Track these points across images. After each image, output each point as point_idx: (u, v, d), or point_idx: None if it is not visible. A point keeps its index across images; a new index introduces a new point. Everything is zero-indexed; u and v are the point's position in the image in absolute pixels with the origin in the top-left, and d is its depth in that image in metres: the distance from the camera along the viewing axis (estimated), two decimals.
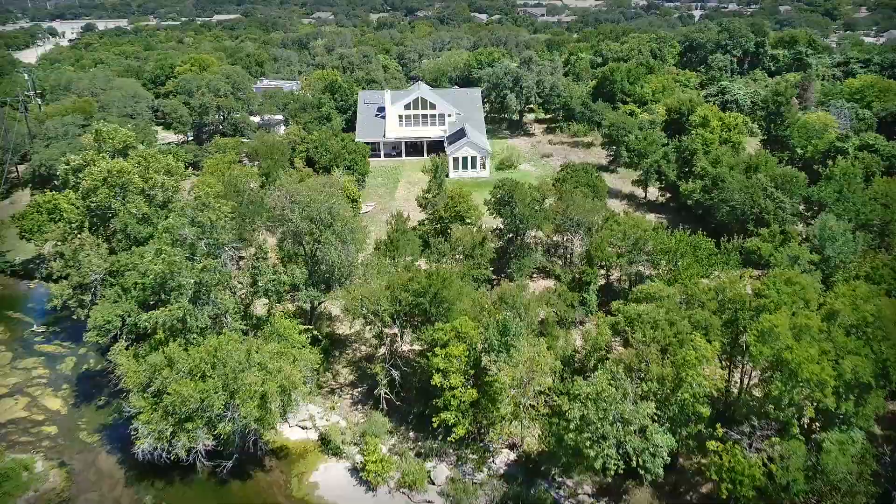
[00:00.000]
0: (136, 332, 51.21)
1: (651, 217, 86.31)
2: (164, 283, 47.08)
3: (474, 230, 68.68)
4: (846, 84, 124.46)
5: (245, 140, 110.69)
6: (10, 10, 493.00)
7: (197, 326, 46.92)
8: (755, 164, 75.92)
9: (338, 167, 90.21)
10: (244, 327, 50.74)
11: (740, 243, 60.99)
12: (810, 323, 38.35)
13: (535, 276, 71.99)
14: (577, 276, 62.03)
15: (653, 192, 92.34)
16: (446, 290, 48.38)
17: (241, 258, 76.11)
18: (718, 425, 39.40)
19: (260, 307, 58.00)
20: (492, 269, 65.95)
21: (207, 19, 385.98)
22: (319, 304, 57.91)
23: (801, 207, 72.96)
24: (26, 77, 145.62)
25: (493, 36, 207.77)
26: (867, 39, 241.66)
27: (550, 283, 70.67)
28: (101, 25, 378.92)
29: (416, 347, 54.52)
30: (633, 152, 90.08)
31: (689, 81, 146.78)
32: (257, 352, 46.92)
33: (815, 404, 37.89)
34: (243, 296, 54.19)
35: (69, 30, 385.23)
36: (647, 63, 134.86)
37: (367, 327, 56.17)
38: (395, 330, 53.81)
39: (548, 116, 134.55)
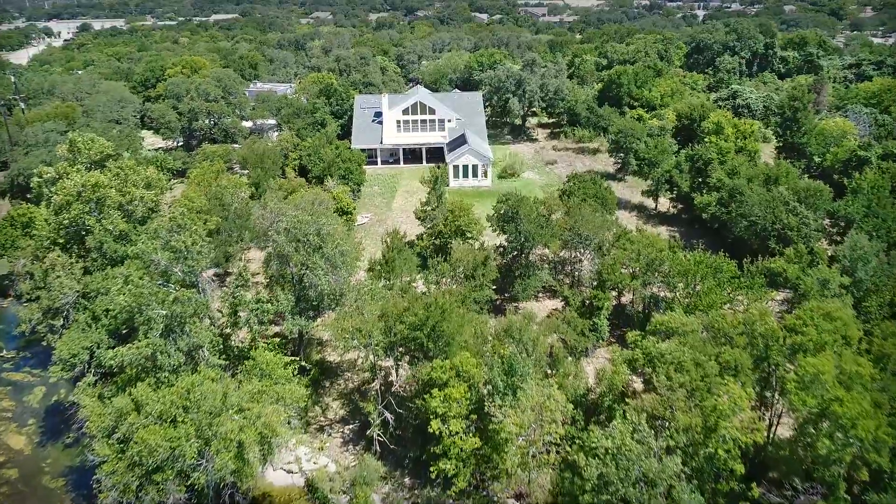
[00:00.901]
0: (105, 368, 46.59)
1: (662, 230, 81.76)
2: (132, 317, 42.38)
3: (476, 247, 64.15)
4: (862, 87, 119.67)
5: (236, 146, 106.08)
6: (7, 10, 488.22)
7: (169, 364, 42.19)
8: (775, 176, 71.21)
9: (331, 177, 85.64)
10: (223, 362, 45.99)
11: (765, 265, 56.25)
12: (862, 371, 33.66)
13: (540, 295, 67.45)
14: (586, 299, 57.33)
15: (663, 203, 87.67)
16: (446, 323, 43.70)
17: (227, 273, 71.51)
18: (754, 485, 34.75)
19: (243, 333, 53.30)
20: (494, 287, 61.36)
21: (205, 19, 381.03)
22: (308, 331, 53.13)
23: (826, 223, 68.23)
24: (12, 79, 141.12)
25: (494, 37, 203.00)
26: (875, 40, 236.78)
27: (557, 302, 66.15)
28: (97, 25, 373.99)
29: (414, 377, 49.84)
30: (644, 161, 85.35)
31: (697, 84, 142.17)
32: (237, 388, 42.56)
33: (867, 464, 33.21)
34: (223, 325, 49.45)
35: (65, 30, 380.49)
36: (655, 65, 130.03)
37: (360, 357, 51.74)
38: (390, 362, 49.25)
39: (551, 121, 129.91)
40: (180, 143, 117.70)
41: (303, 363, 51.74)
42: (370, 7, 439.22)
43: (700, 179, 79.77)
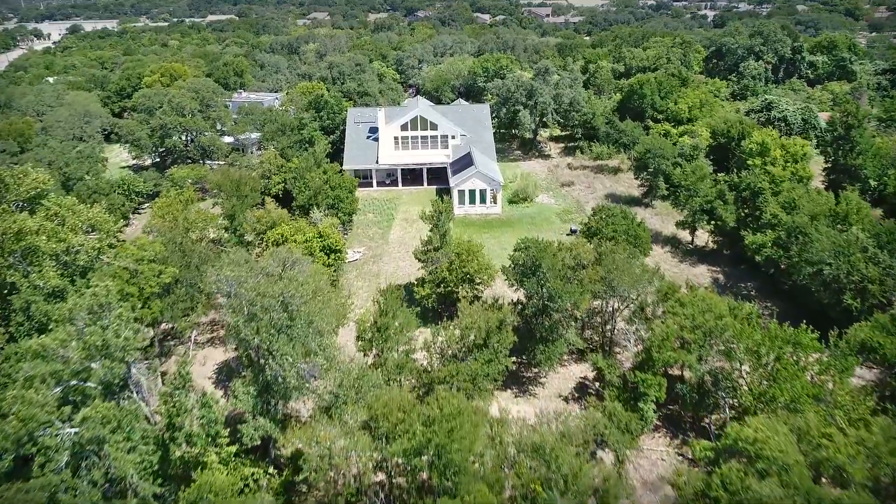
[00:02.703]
0: None
1: (703, 270, 70.36)
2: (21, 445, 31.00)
3: (489, 303, 52.85)
4: None
5: (216, 165, 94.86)
6: None
7: None
8: (844, 213, 59.75)
9: (318, 207, 74.23)
10: (157, 489, 34.62)
11: (855, 337, 44.62)
12: None
13: (565, 358, 56.11)
14: (629, 381, 45.85)
15: (701, 235, 76.09)
16: (455, 444, 32.23)
17: (186, 334, 60.25)
18: None
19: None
20: (510, 347, 49.91)
21: (200, 20, 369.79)
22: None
23: None
24: None
25: (498, 39, 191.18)
26: None
27: (585, 368, 54.93)
28: (88, 26, 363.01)
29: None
30: (679, 188, 73.71)
31: (719, 91, 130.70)
32: None
33: None
34: (161, 431, 38.03)
35: (56, 31, 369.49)
36: (679, 73, 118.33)
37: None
38: (381, 476, 37.94)
39: (564, 134, 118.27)
40: (156, 160, 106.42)
41: (269, 470, 40.45)
42: (369, 7, 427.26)
43: (746, 210, 68.41)
